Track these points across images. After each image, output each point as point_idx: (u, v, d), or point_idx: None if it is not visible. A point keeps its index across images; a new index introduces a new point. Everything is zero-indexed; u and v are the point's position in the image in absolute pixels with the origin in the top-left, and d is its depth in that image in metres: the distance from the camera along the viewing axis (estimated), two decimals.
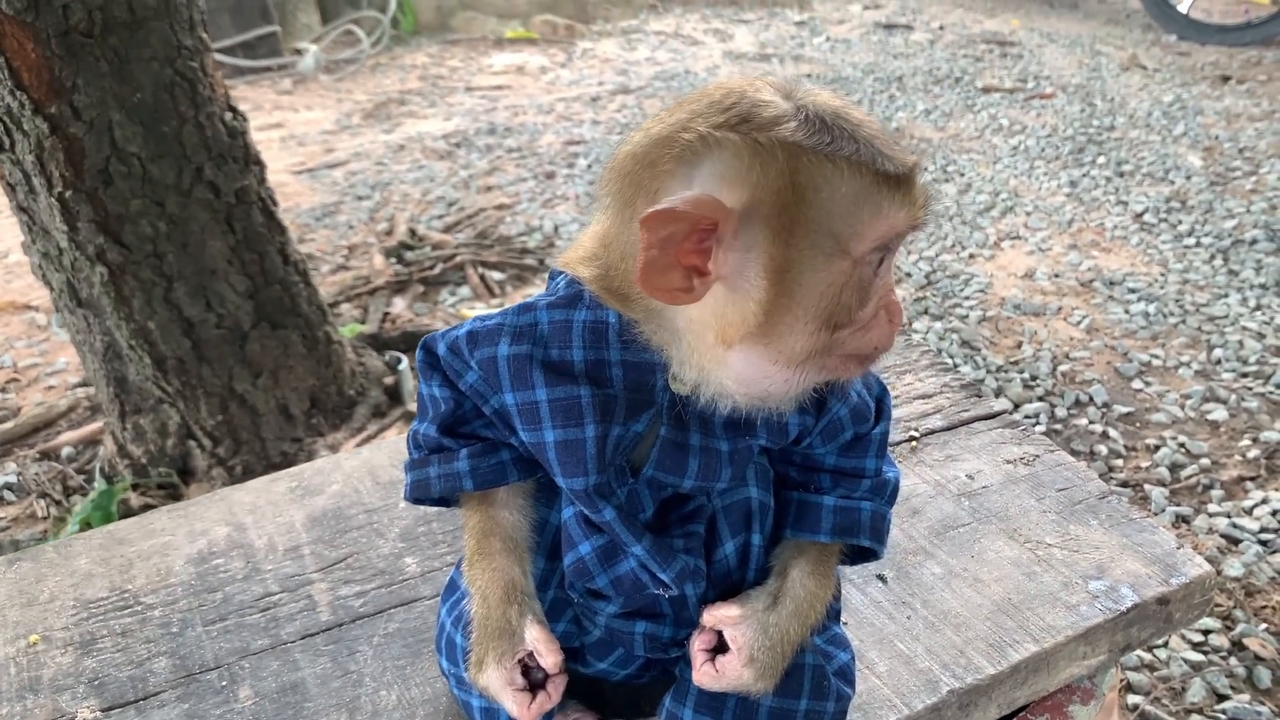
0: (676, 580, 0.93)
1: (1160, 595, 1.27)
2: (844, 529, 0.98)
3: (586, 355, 0.90)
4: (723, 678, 0.93)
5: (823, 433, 0.97)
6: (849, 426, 0.98)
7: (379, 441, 1.60)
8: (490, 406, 0.96)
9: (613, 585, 0.95)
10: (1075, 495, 1.43)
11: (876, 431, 1.01)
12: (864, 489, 1.00)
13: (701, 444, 0.92)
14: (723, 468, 0.93)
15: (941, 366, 1.71)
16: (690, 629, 0.98)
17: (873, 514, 0.99)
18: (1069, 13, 7.61)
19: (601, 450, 0.89)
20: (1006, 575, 1.30)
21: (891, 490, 1.03)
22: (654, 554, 0.92)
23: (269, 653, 1.24)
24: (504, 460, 0.98)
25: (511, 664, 0.93)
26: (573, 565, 0.96)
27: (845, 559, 1.04)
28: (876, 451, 1.01)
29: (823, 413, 0.96)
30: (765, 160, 0.76)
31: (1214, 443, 2.69)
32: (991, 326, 3.24)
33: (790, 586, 0.96)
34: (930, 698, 1.14)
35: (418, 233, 3.97)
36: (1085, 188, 4.30)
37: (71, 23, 2.03)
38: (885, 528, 1.02)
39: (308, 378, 2.60)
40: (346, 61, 6.54)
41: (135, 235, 2.23)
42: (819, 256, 0.78)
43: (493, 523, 0.99)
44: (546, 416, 0.90)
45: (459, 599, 1.03)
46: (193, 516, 1.46)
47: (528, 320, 0.92)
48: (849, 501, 0.99)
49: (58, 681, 1.21)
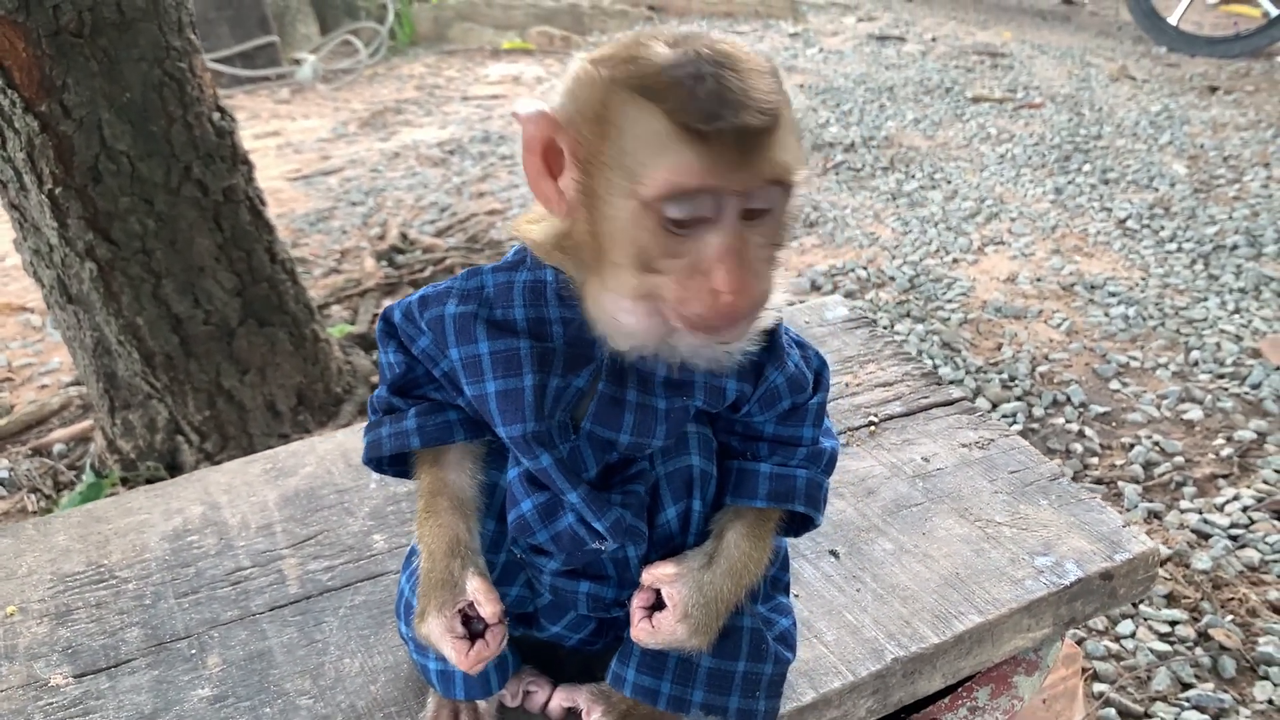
0: (611, 531, 0.97)
1: (1104, 570, 1.31)
2: (779, 494, 1.01)
3: (528, 313, 0.95)
4: (658, 633, 0.97)
5: (760, 400, 1.01)
6: (786, 396, 1.02)
7: (354, 427, 1.64)
8: (440, 369, 1.02)
9: (553, 541, 0.99)
10: (1027, 477, 1.47)
11: (814, 402, 1.04)
12: (800, 457, 1.03)
13: (638, 400, 0.96)
14: (657, 425, 0.97)
15: (903, 356, 1.75)
16: (633, 590, 1.02)
17: (808, 481, 1.03)
18: (1061, 25, 7.68)
19: (540, 399, 0.94)
20: (955, 552, 1.34)
21: (828, 460, 1.06)
22: (589, 503, 0.96)
23: (238, 623, 1.28)
24: (450, 420, 1.02)
25: (451, 613, 0.97)
26: (515, 521, 1.00)
27: (786, 528, 1.08)
28: (813, 421, 1.05)
29: (760, 381, 1.00)
30: (589, 89, 0.82)
31: (1188, 441, 2.72)
32: (972, 329, 3.29)
33: (725, 548, 1.00)
34: (875, 665, 1.18)
35: (409, 237, 4.02)
36: (1070, 194, 4.34)
37: (62, 23, 2.08)
38: (822, 496, 1.05)
39: (294, 375, 2.64)
40: (344, 71, 6.61)
41: (124, 232, 2.28)
42: (615, 191, 0.82)
43: (441, 483, 1.03)
44: (488, 368, 0.95)
45: (416, 568, 1.07)
46: (169, 496, 1.50)
47: (474, 284, 0.97)
48: (785, 469, 1.02)
49: (32, 650, 1.25)
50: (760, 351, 0.99)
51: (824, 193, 4.45)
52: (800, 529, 1.09)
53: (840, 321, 1.85)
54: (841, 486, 1.45)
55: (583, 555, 1.01)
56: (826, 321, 1.86)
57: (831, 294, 3.54)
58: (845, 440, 1.55)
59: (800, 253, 3.90)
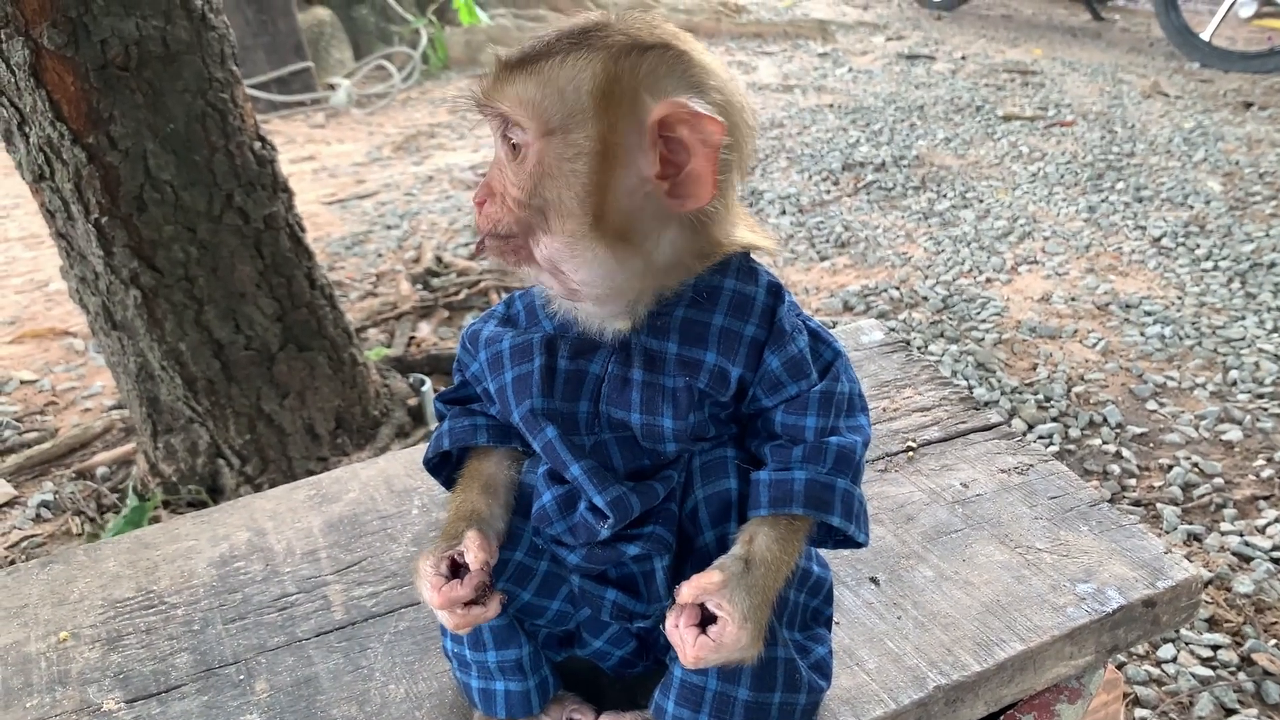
0: (613, 507, 0.99)
1: (1146, 598, 1.30)
2: (778, 500, 0.99)
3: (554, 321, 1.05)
4: (721, 645, 0.93)
5: (762, 385, 1.03)
6: (788, 380, 1.02)
7: (395, 452, 1.66)
8: (483, 387, 1.11)
9: (570, 532, 1.04)
10: (1067, 503, 1.47)
11: (817, 389, 1.03)
12: (797, 457, 1.01)
13: (645, 379, 1.01)
14: (664, 403, 1.00)
15: (941, 381, 1.75)
16: (658, 604, 1.04)
17: (808, 483, 0.99)
18: (1092, 42, 7.65)
19: (547, 379, 1.02)
20: (996, 579, 1.34)
21: (836, 457, 1.02)
22: (591, 476, 1.00)
23: (285, 649, 1.30)
24: (478, 424, 1.12)
25: (439, 557, 1.02)
26: (536, 512, 1.06)
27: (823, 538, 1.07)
28: (817, 410, 1.03)
29: (760, 365, 1.02)
30: None
31: (1228, 462, 2.70)
32: (1007, 349, 3.27)
33: (758, 551, 0.98)
34: (917, 693, 1.18)
35: (444, 260, 4.06)
36: (1104, 213, 4.32)
37: (109, 57, 2.13)
38: (832, 498, 1.00)
39: (333, 398, 2.68)
40: (378, 96, 6.69)
41: (168, 260, 2.32)
42: None
43: (477, 472, 1.11)
44: (507, 360, 1.05)
45: None
46: (216, 522, 1.53)
47: (510, 312, 1.12)
48: (782, 473, 1.01)
49: (85, 675, 1.27)
50: (762, 334, 1.02)
51: (855, 212, 4.46)
52: (839, 540, 1.08)
53: (876, 345, 1.86)
54: (881, 513, 1.45)
55: (603, 555, 1.03)
56: (862, 345, 1.86)
57: (864, 314, 3.54)
58: (883, 466, 1.56)
59: (832, 273, 3.90)
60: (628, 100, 0.92)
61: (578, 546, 1.04)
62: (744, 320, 1.02)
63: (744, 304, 1.02)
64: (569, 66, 0.93)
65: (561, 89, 0.93)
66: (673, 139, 0.93)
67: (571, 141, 0.93)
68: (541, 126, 0.93)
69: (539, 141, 0.93)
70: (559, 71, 0.93)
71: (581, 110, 0.92)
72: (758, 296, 1.03)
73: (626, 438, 1.04)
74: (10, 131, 2.24)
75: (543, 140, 0.93)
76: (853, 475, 1.03)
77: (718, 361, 1.01)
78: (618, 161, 0.93)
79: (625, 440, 1.03)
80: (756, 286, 1.03)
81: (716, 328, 1.01)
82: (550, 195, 0.94)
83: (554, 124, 0.93)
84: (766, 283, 1.04)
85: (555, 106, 0.93)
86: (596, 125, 0.92)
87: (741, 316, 1.02)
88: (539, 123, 0.93)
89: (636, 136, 0.93)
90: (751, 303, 1.02)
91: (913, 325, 3.43)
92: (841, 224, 4.32)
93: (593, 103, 0.92)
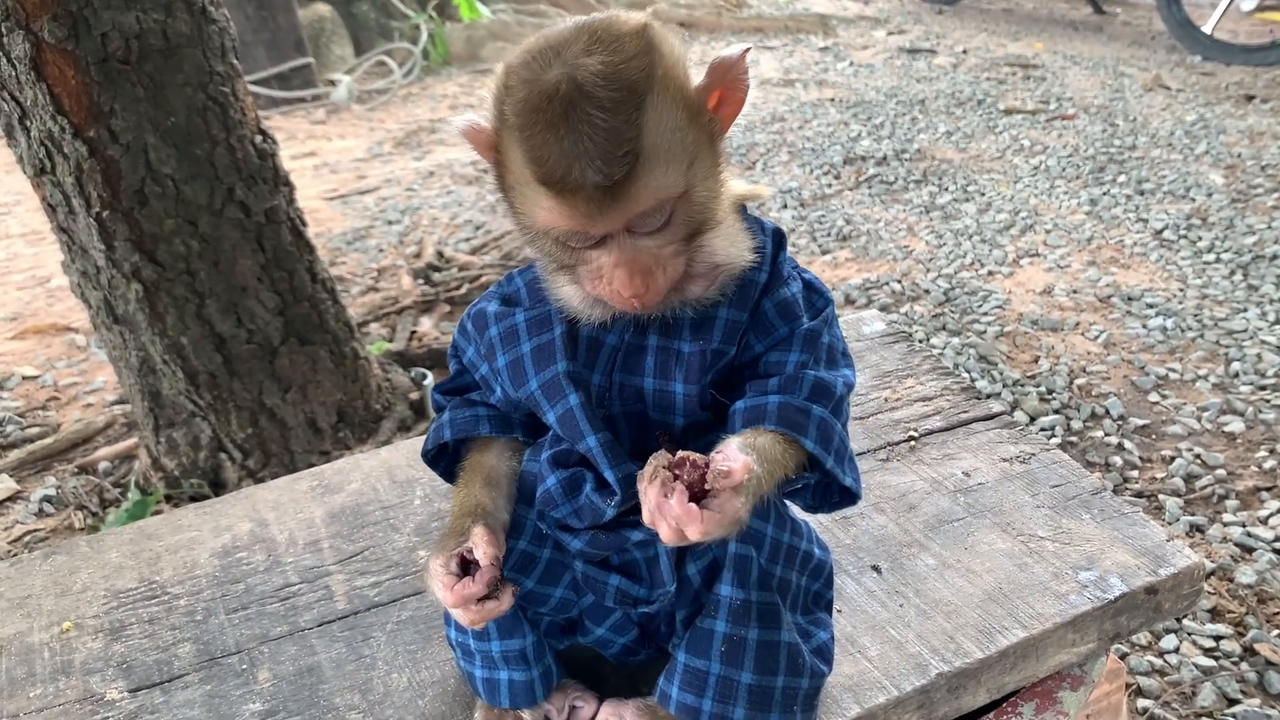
0: (622, 484, 0.98)
1: (1148, 585, 1.30)
2: (750, 421, 0.99)
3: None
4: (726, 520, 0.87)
5: (755, 330, 1.04)
6: (779, 322, 1.04)
7: (397, 443, 1.66)
8: (480, 373, 1.12)
9: (575, 514, 1.04)
10: (1069, 491, 1.47)
11: (804, 328, 1.04)
12: (772, 386, 1.01)
13: (659, 344, 1.03)
14: (677, 367, 1.02)
15: (942, 371, 1.75)
16: (661, 589, 1.04)
17: (781, 405, 0.98)
18: (1093, 35, 7.64)
19: (570, 344, 1.03)
20: (998, 566, 1.34)
21: (812, 387, 1.00)
22: (606, 450, 0.99)
23: (287, 639, 1.30)
24: (479, 415, 1.12)
25: (449, 555, 1.02)
26: (541, 495, 1.06)
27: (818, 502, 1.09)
28: (801, 347, 1.03)
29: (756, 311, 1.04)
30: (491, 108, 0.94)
31: (1230, 454, 2.70)
32: (1009, 342, 3.27)
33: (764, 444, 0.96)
34: (919, 680, 1.18)
35: (445, 255, 4.06)
36: (1105, 206, 4.32)
37: (110, 50, 2.13)
38: (808, 421, 0.98)
39: (335, 392, 2.68)
40: (379, 92, 6.68)
41: (169, 253, 2.32)
42: (517, 211, 0.96)
43: (478, 465, 1.12)
44: (523, 331, 1.06)
45: None
46: (218, 513, 1.53)
47: (511, 289, 1.12)
48: (756, 400, 1.00)
49: (88, 665, 1.28)
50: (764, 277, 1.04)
51: (856, 206, 4.45)
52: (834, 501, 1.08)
53: (878, 336, 1.86)
54: (882, 502, 1.45)
55: (607, 541, 1.04)
56: (864, 336, 1.86)
57: (866, 307, 3.54)
58: (885, 455, 1.56)
59: (834, 266, 3.90)
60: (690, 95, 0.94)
61: (582, 530, 1.04)
62: (756, 268, 1.03)
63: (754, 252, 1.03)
64: (659, 125, 0.89)
65: (673, 146, 0.91)
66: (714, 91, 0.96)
67: (701, 163, 0.94)
68: (683, 186, 0.93)
69: (683, 199, 0.93)
70: (659, 139, 0.89)
71: (691, 137, 0.93)
72: (766, 245, 1.05)
73: (636, 413, 1.05)
74: (11, 126, 2.24)
75: (685, 195, 0.93)
76: (832, 408, 1.01)
77: (730, 314, 1.03)
78: (714, 139, 0.97)
79: (633, 416, 1.05)
80: (764, 235, 1.06)
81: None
82: (706, 217, 0.96)
83: (687, 173, 0.93)
84: (771, 229, 1.07)
85: (682, 160, 0.92)
86: (702, 131, 0.94)
87: (754, 265, 1.03)
88: (680, 186, 0.92)
89: (705, 111, 0.95)
90: (761, 251, 1.04)
91: (914, 318, 3.42)
92: (843, 218, 4.31)
93: (690, 123, 0.92)
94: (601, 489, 1.02)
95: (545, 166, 0.88)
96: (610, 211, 0.89)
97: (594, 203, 0.88)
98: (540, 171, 0.88)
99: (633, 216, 0.91)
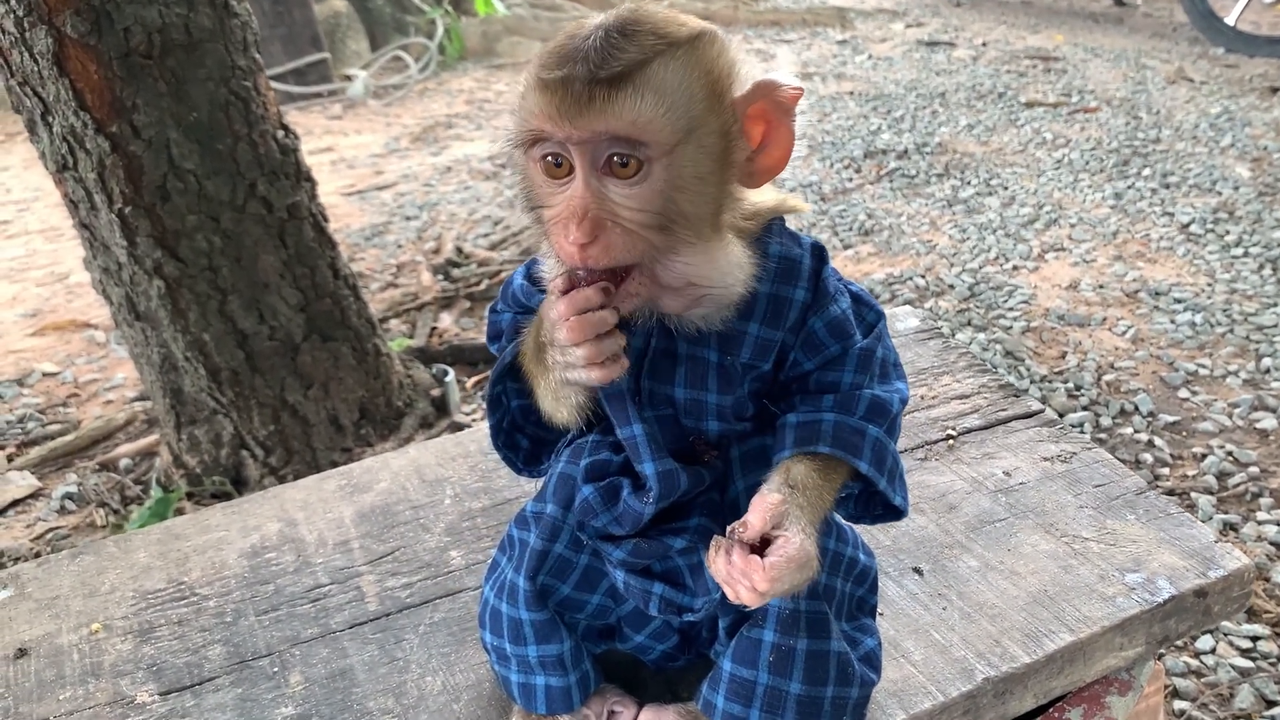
0: (661, 479, 0.97)
1: (1198, 588, 1.27)
2: (803, 440, 0.98)
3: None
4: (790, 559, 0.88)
5: (804, 347, 1.02)
6: (830, 341, 1.02)
7: (425, 442, 1.64)
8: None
9: (616, 521, 1.02)
10: (1112, 491, 1.44)
11: (858, 346, 1.02)
12: (827, 404, 1.00)
13: (688, 352, 1.00)
14: (709, 377, 1.00)
15: (979, 368, 1.72)
16: (706, 597, 1.01)
17: (836, 424, 0.98)
18: (1114, 27, 7.57)
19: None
20: (1043, 568, 1.31)
21: (868, 406, 1.00)
22: (649, 440, 0.98)
23: (319, 641, 1.28)
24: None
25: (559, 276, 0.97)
26: (579, 505, 1.03)
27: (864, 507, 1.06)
28: (855, 367, 1.02)
29: (802, 329, 1.01)
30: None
31: (1263, 451, 2.66)
32: (1035, 337, 3.23)
33: (798, 477, 0.96)
34: (966, 685, 1.16)
35: (464, 250, 4.04)
36: (1130, 200, 4.27)
37: (132, 45, 2.11)
38: (863, 443, 0.98)
39: (357, 389, 2.66)
40: (395, 87, 6.66)
41: (191, 249, 2.31)
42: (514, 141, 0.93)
43: None
44: None
45: (500, 574, 1.08)
46: (246, 513, 1.51)
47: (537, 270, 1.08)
48: (810, 415, 0.99)
49: (118, 667, 1.26)
50: (809, 296, 1.01)
51: (878, 200, 4.41)
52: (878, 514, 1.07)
53: (912, 333, 1.83)
54: (922, 502, 1.43)
55: (649, 549, 1.02)
56: (898, 333, 1.83)
57: (890, 302, 3.51)
58: (923, 455, 1.53)
59: (856, 261, 3.86)
60: (724, 90, 0.91)
61: (623, 540, 1.02)
62: (793, 285, 1.00)
63: (791, 269, 1.01)
64: (673, 71, 0.88)
65: (677, 95, 0.87)
66: (754, 116, 0.92)
67: (701, 144, 0.89)
68: (670, 138, 0.87)
69: (668, 155, 0.88)
70: (667, 77, 0.87)
71: (701, 112, 0.89)
72: (804, 259, 1.02)
73: (667, 416, 1.03)
74: (34, 121, 2.22)
75: (671, 152, 0.88)
76: (887, 428, 1.01)
77: (760, 332, 1.00)
78: (730, 153, 0.92)
79: (665, 419, 1.03)
80: (801, 249, 1.03)
81: (764, 295, 0.99)
82: (684, 207, 0.90)
83: (681, 131, 0.88)
84: (810, 244, 1.03)
85: (680, 112, 0.87)
86: (716, 121, 0.90)
87: (790, 281, 1.00)
88: (665, 137, 0.87)
89: (736, 124, 0.92)
90: (798, 266, 1.01)
91: (939, 313, 3.39)
92: (865, 212, 4.28)
93: (707, 100, 0.89)
94: (638, 490, 1.00)
95: (545, 64, 0.88)
96: (585, 112, 0.85)
97: (574, 98, 0.85)
98: (540, 70, 0.88)
99: (604, 130, 0.86)
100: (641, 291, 0.92)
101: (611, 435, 1.03)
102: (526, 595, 1.06)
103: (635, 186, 0.88)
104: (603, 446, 1.06)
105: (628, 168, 0.87)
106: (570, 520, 1.05)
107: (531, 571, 1.06)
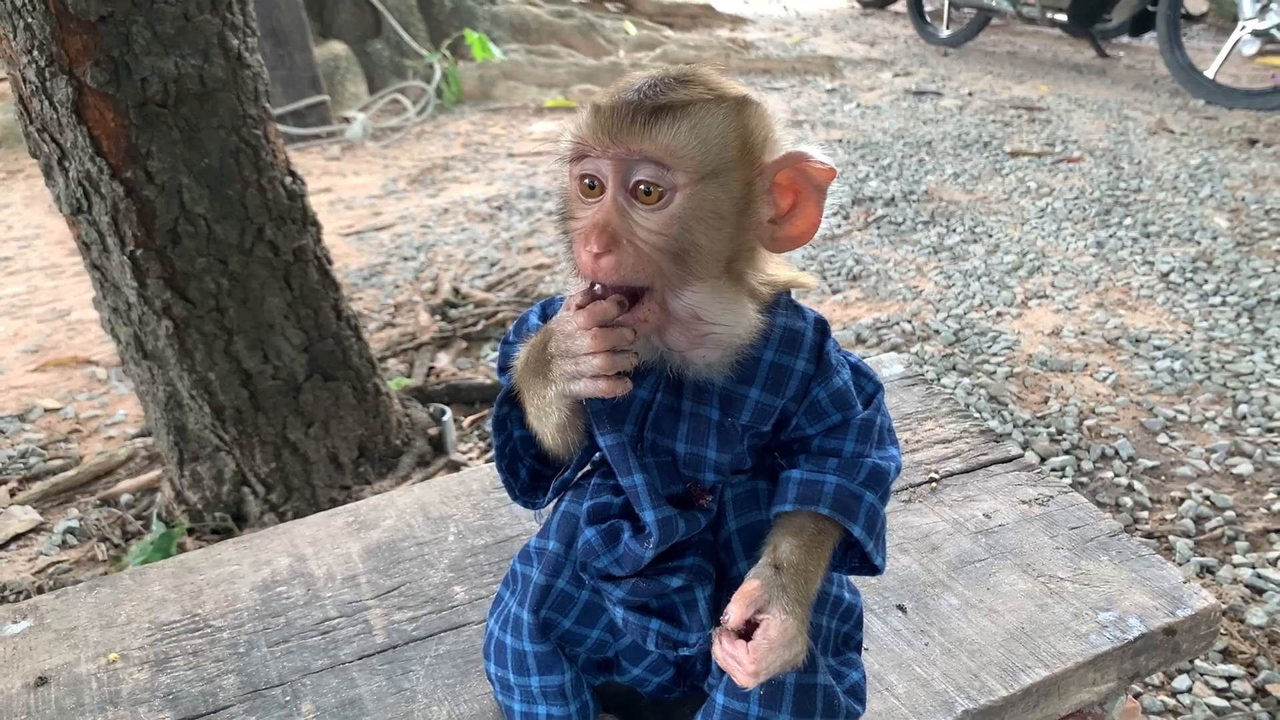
0: (660, 527, 1.03)
1: (1167, 626, 1.34)
2: (805, 498, 1.05)
3: None
4: (773, 641, 0.96)
5: (807, 414, 1.09)
6: (833, 410, 1.09)
7: (429, 481, 1.70)
8: None
9: (617, 563, 1.07)
10: (1087, 533, 1.51)
11: (860, 417, 1.10)
12: (831, 466, 1.08)
13: (692, 410, 1.06)
14: (710, 435, 1.06)
15: (961, 414, 1.79)
16: (701, 632, 1.07)
17: (837, 487, 1.06)
18: (1097, 79, 7.74)
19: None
20: (1020, 606, 1.38)
21: (868, 473, 1.07)
22: (648, 491, 1.04)
23: (328, 671, 1.33)
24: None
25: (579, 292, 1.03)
26: (582, 547, 1.09)
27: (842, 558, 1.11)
28: (857, 436, 1.09)
29: (805, 396, 1.08)
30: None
31: (1239, 495, 2.73)
32: (1019, 382, 3.32)
33: (783, 557, 1.03)
34: (946, 717, 1.22)
35: (461, 291, 4.12)
36: (1112, 248, 4.38)
37: (149, 94, 2.19)
38: (859, 508, 1.06)
39: (357, 428, 2.72)
40: (393, 129, 6.77)
41: (200, 291, 2.37)
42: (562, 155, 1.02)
43: None
44: None
45: (505, 608, 1.14)
46: (257, 548, 1.57)
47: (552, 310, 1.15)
48: (814, 474, 1.07)
49: (135, 696, 1.31)
50: (811, 368, 1.08)
51: (866, 246, 4.51)
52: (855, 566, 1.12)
53: (897, 379, 1.90)
54: (906, 543, 1.49)
55: (647, 588, 1.07)
56: (883, 379, 1.90)
57: (876, 347, 3.59)
58: (907, 497, 1.60)
59: (844, 305, 3.95)
60: (757, 149, 0.99)
61: (623, 579, 1.08)
62: (794, 355, 1.07)
63: (794, 339, 1.07)
64: (713, 117, 0.96)
65: (711, 138, 0.96)
66: (783, 185, 1.00)
67: (724, 186, 0.97)
68: (696, 172, 0.96)
69: (691, 187, 0.96)
70: (706, 120, 0.96)
71: (732, 158, 0.97)
72: (806, 332, 1.08)
73: (666, 463, 1.09)
74: (50, 166, 2.30)
75: (695, 185, 0.96)
76: (882, 495, 1.09)
77: (761, 397, 1.06)
78: (751, 206, 1.00)
79: (664, 465, 1.09)
80: (805, 322, 1.09)
81: (766, 363, 1.06)
82: (699, 239, 0.97)
83: (708, 170, 0.96)
84: (814, 319, 1.10)
85: (712, 153, 0.96)
86: (742, 172, 0.98)
87: (792, 351, 1.07)
88: (692, 168, 0.95)
89: (763, 183, 1.00)
90: (801, 338, 1.08)
91: (925, 358, 3.47)
92: (853, 257, 4.37)
93: (739, 151, 0.98)
94: (638, 534, 1.06)
95: (603, 94, 0.97)
96: (625, 131, 0.94)
97: (617, 117, 0.94)
98: (597, 97, 0.97)
99: (638, 150, 0.94)
100: (651, 318, 0.98)
101: (612, 478, 1.10)
102: (530, 628, 1.12)
103: (656, 211, 0.96)
104: (604, 489, 1.12)
105: (651, 195, 0.96)
106: (573, 557, 1.12)
107: (535, 605, 1.12)
